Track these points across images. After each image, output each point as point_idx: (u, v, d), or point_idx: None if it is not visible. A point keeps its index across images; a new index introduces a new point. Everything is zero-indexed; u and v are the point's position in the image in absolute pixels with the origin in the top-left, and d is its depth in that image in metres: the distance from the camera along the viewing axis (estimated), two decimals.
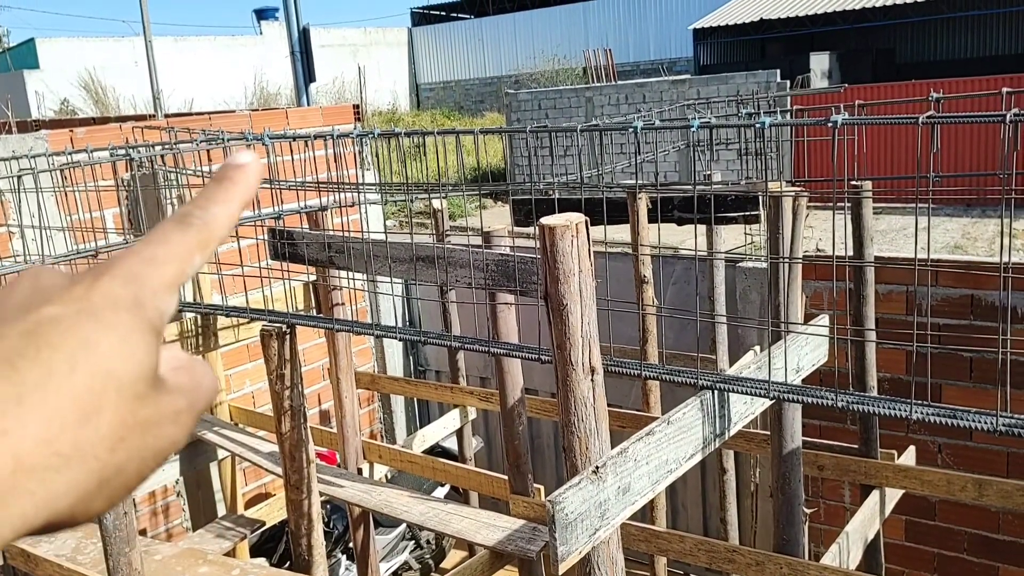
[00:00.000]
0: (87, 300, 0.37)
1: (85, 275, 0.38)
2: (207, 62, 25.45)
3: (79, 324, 0.36)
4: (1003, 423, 1.85)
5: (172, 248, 0.40)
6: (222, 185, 0.43)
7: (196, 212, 0.41)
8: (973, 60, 22.89)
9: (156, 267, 0.39)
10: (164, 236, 0.40)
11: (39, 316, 0.36)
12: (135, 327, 0.37)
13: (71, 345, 0.35)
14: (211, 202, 0.42)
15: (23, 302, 0.37)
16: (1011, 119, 1.64)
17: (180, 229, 0.41)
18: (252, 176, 0.43)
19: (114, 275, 0.38)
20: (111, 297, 0.37)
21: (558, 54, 26.58)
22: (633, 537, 2.99)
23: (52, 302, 0.37)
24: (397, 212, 13.24)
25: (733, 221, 3.77)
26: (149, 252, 0.40)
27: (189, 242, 0.41)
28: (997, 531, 3.95)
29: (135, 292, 0.38)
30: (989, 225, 12.28)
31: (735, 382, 2.16)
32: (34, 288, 0.38)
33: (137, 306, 0.38)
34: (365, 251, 2.74)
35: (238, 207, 0.43)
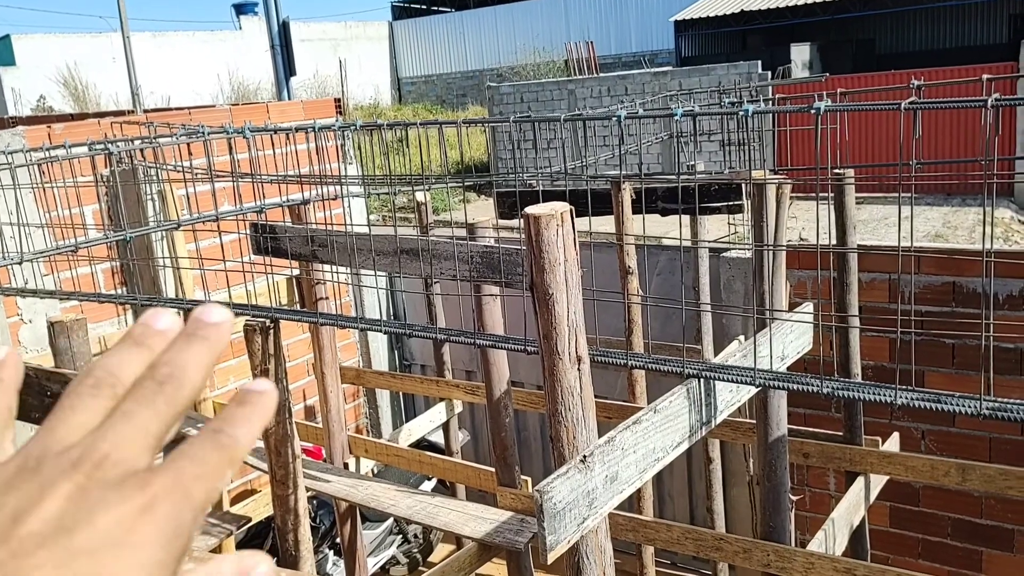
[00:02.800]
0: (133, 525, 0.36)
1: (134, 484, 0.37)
2: (186, 57, 25.24)
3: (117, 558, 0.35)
4: (986, 407, 1.87)
5: (210, 467, 0.40)
6: (244, 408, 0.43)
7: (227, 431, 0.42)
8: (952, 50, 23.06)
9: (199, 487, 0.39)
10: (203, 455, 0.40)
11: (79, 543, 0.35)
12: (165, 561, 0.37)
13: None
14: (238, 422, 0.42)
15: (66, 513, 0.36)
16: (993, 104, 1.65)
17: (215, 447, 0.41)
18: (269, 402, 0.44)
19: (165, 497, 0.38)
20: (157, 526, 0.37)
21: (540, 47, 26.55)
22: (621, 526, 3.00)
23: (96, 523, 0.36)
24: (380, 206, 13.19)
25: (717, 211, 3.78)
26: (193, 470, 0.39)
27: (223, 460, 0.41)
28: (980, 516, 3.99)
29: (179, 518, 0.38)
30: (969, 214, 12.38)
31: (721, 370, 2.17)
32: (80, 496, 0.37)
33: (176, 535, 0.37)
34: (348, 245, 2.72)
35: (259, 429, 0.43)
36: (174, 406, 0.41)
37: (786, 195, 2.76)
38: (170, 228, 3.88)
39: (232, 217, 3.52)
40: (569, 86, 16.69)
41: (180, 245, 4.47)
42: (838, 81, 11.93)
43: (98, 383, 0.41)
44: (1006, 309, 3.68)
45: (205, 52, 25.90)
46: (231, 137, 3.12)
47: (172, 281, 4.69)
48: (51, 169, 3.87)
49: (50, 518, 0.36)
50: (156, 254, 4.69)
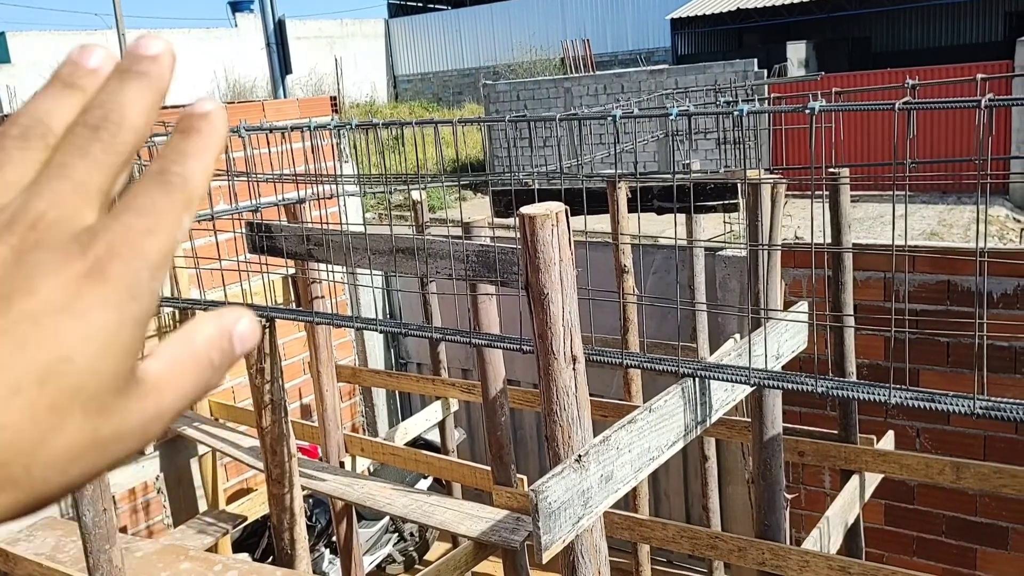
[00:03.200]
0: (78, 290, 0.32)
1: (76, 246, 0.33)
2: (181, 55, 25.06)
3: (61, 326, 0.32)
4: (980, 406, 1.87)
5: (161, 215, 0.35)
6: (191, 137, 0.37)
7: (174, 169, 0.36)
8: (947, 48, 23.09)
9: (152, 238, 0.34)
10: (150, 202, 0.35)
11: (19, 311, 0.31)
12: (121, 324, 0.33)
13: (45, 355, 0.31)
14: (184, 156, 0.36)
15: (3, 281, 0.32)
16: (986, 104, 1.65)
17: (163, 191, 0.35)
18: (219, 124, 0.38)
19: (111, 255, 0.33)
20: (107, 287, 0.33)
21: (536, 45, 26.54)
22: (616, 525, 3.00)
23: (36, 290, 0.32)
24: (376, 204, 13.18)
25: (712, 210, 3.78)
26: (141, 222, 0.34)
27: (175, 205, 0.35)
28: (974, 514, 4.00)
29: (133, 277, 0.33)
30: (964, 212, 12.41)
31: (716, 369, 2.17)
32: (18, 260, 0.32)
33: (131, 296, 0.33)
34: (344, 243, 2.72)
35: (211, 159, 0.37)
36: (114, 154, 0.35)
37: (781, 194, 2.76)
38: None
39: (228, 216, 3.52)
40: (565, 84, 16.69)
41: None
42: (834, 80, 11.94)
43: (25, 133, 0.36)
44: (1000, 308, 3.69)
45: (200, 50, 25.85)
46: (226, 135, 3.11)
47: (167, 280, 4.68)
48: None
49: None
50: None
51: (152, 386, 0.35)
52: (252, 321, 0.37)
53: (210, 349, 0.36)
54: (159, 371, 0.35)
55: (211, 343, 0.36)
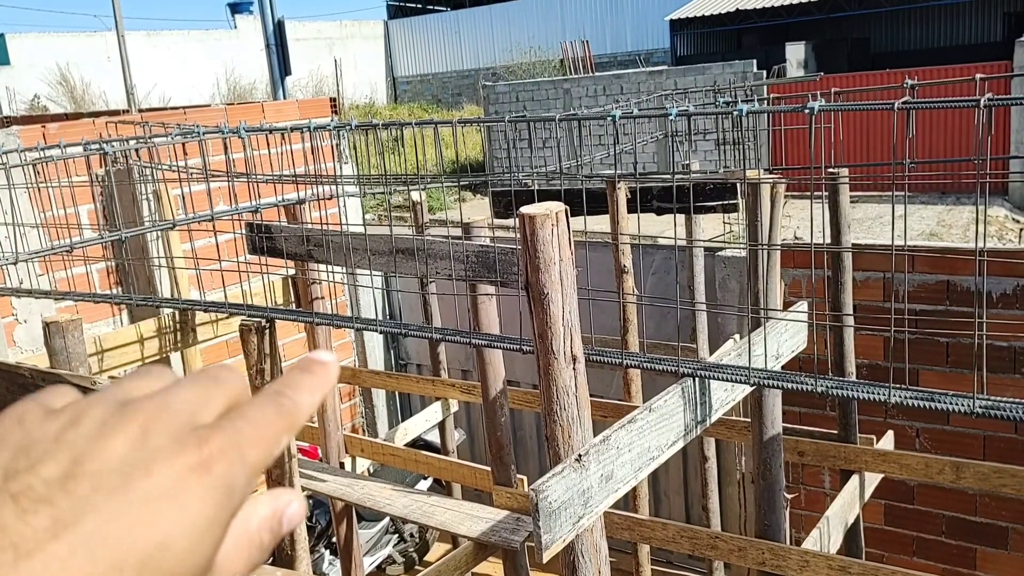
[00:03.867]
0: (187, 480, 0.35)
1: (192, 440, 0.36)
2: (181, 57, 25.19)
3: (169, 512, 0.34)
4: (980, 405, 1.87)
5: (268, 430, 0.39)
6: (307, 376, 0.43)
7: (288, 394, 0.41)
8: (946, 49, 23.12)
9: (255, 449, 0.38)
10: (262, 417, 0.39)
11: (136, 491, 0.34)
12: (216, 520, 0.36)
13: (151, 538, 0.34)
14: (300, 388, 0.42)
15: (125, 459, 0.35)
16: (985, 104, 1.66)
17: (275, 411, 0.40)
18: (332, 373, 0.44)
19: (220, 454, 0.37)
20: (212, 483, 0.36)
21: (535, 46, 26.55)
22: (616, 525, 3.00)
23: (152, 473, 0.35)
24: (376, 205, 13.18)
25: (712, 210, 3.78)
26: (251, 432, 0.38)
27: (281, 425, 0.40)
28: (974, 513, 4.01)
29: (233, 477, 0.37)
30: (964, 212, 12.41)
31: (716, 369, 2.17)
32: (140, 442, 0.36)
33: (229, 495, 0.36)
34: (344, 244, 2.72)
35: (319, 399, 0.43)
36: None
37: (781, 194, 2.76)
38: (165, 228, 3.88)
39: (227, 217, 3.52)
40: (565, 85, 16.70)
41: (175, 245, 4.47)
42: (833, 80, 11.95)
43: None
44: (1000, 308, 3.70)
45: (200, 51, 25.86)
46: (226, 137, 3.11)
47: (167, 281, 4.68)
48: (46, 169, 3.87)
49: (112, 461, 0.35)
50: (151, 254, 4.69)
51: (219, 570, 0.37)
52: (301, 503, 0.42)
53: (263, 531, 0.40)
54: (221, 555, 0.38)
55: (264, 525, 0.40)
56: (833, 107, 1.98)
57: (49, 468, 0.34)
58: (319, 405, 0.44)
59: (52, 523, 0.33)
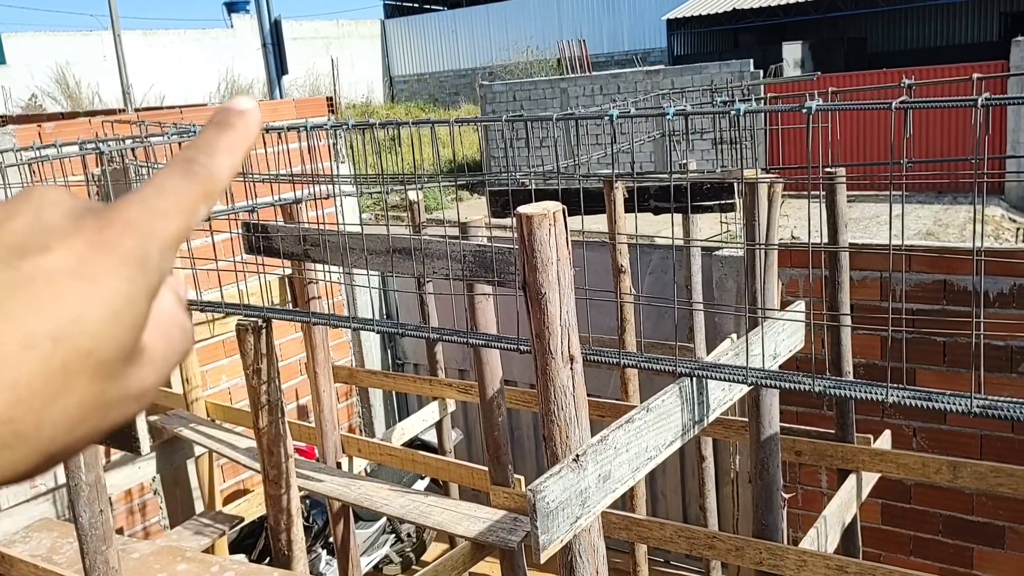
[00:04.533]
0: (90, 256, 0.33)
1: (91, 217, 0.34)
2: (177, 56, 25.15)
3: (74, 287, 0.32)
4: (977, 405, 1.87)
5: (180, 200, 0.37)
6: (224, 132, 0.39)
7: (200, 159, 0.38)
8: (943, 48, 23.14)
9: (167, 221, 0.36)
10: (172, 186, 0.37)
11: (34, 267, 0.32)
12: (131, 295, 0.34)
13: (59, 314, 0.32)
14: (215, 150, 0.39)
15: (18, 237, 0.33)
16: (982, 103, 1.66)
17: (186, 178, 0.37)
18: (253, 124, 0.40)
19: (124, 227, 0.34)
20: (117, 256, 0.34)
21: (532, 45, 26.53)
22: (614, 525, 3.00)
23: (51, 248, 0.33)
24: (373, 205, 13.18)
25: (709, 210, 3.79)
26: (159, 204, 0.36)
27: (195, 194, 0.37)
28: (971, 513, 4.01)
29: (144, 251, 0.34)
30: (960, 212, 12.43)
31: (713, 369, 2.17)
32: (35, 222, 0.34)
33: (141, 269, 0.34)
34: (341, 244, 2.72)
35: (240, 157, 0.39)
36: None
37: (778, 194, 2.76)
38: None
39: (224, 216, 3.51)
40: (562, 85, 16.69)
41: None
42: (830, 80, 11.96)
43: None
44: (997, 307, 3.70)
45: (197, 50, 25.82)
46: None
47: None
48: (42, 169, 3.85)
49: (8, 239, 0.33)
50: None
51: (149, 355, 0.36)
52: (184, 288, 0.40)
53: (177, 314, 0.38)
54: (147, 341, 0.36)
55: (176, 309, 0.38)
56: (830, 107, 1.97)
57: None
58: (239, 163, 0.39)
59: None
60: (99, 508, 2.52)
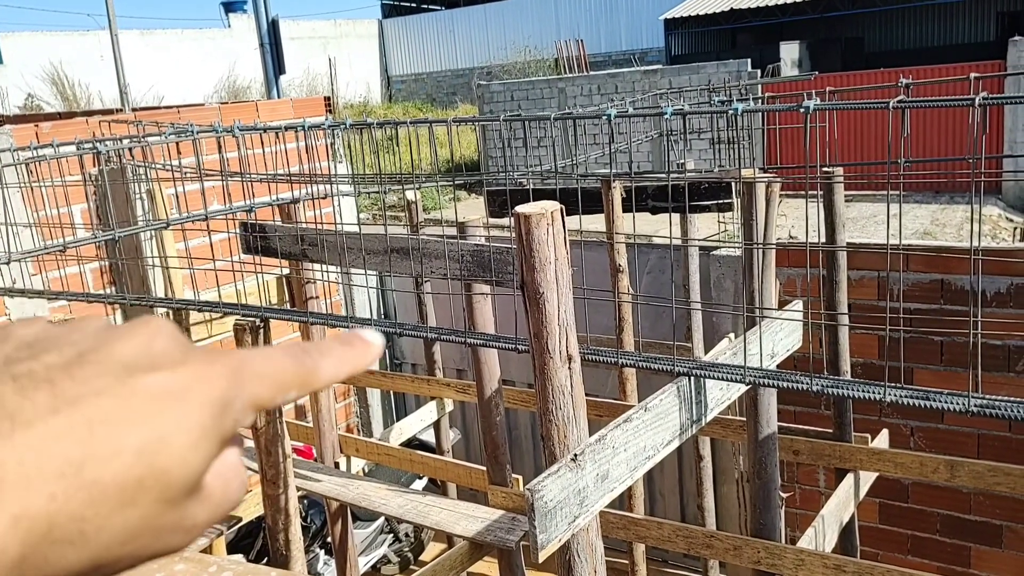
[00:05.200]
0: (189, 384, 0.36)
1: (198, 355, 0.37)
2: (175, 56, 25.13)
3: (168, 408, 0.35)
4: (974, 404, 1.88)
5: (279, 374, 0.40)
6: (344, 347, 0.43)
7: (313, 355, 0.42)
8: (940, 48, 23.18)
9: (260, 384, 0.39)
10: (278, 361, 0.40)
11: (138, 383, 0.35)
12: (210, 433, 0.36)
13: (151, 429, 0.34)
14: (329, 355, 0.42)
15: (130, 356, 0.36)
16: (980, 103, 1.66)
17: (295, 362, 0.40)
18: (372, 355, 0.44)
19: (224, 370, 0.37)
20: (210, 393, 0.36)
21: (530, 45, 26.54)
22: (612, 524, 3.00)
23: (157, 369, 0.36)
24: (371, 204, 13.17)
25: (707, 209, 3.79)
26: (260, 367, 0.39)
27: (294, 376, 0.40)
28: (968, 512, 4.01)
29: (232, 397, 0.37)
30: (958, 211, 12.44)
31: (711, 368, 2.17)
32: (147, 346, 0.37)
33: (224, 413, 0.37)
34: (339, 244, 2.72)
35: (346, 372, 0.43)
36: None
37: (775, 193, 2.76)
38: (159, 227, 3.86)
39: (221, 216, 3.51)
40: (559, 84, 16.70)
41: (169, 244, 4.45)
42: (827, 79, 11.98)
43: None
44: (994, 306, 3.71)
45: (194, 50, 25.79)
46: (220, 136, 3.11)
47: (161, 281, 4.67)
48: (39, 168, 3.85)
49: (116, 355, 0.36)
50: (145, 253, 4.68)
51: (206, 494, 0.38)
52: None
53: (237, 467, 0.40)
54: (210, 482, 0.38)
55: (237, 462, 0.40)
56: (828, 106, 1.98)
57: (52, 357, 0.35)
58: (341, 377, 0.43)
59: (52, 399, 0.33)
60: None
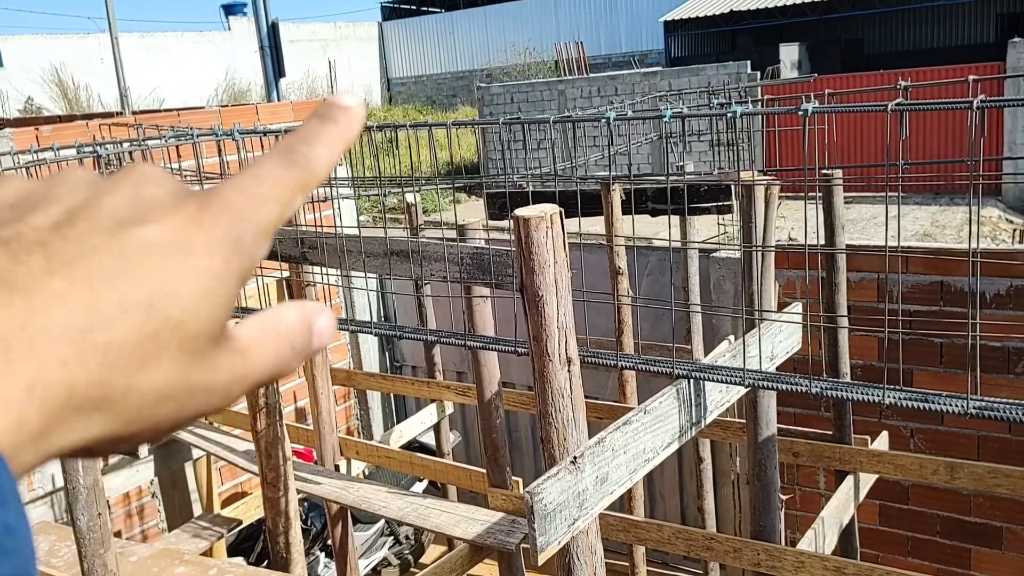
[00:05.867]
0: (187, 232, 0.34)
1: (190, 197, 0.35)
2: (175, 58, 25.15)
3: (170, 260, 0.33)
4: (973, 406, 1.88)
5: (277, 188, 0.37)
6: (326, 125, 0.39)
7: (300, 149, 0.38)
8: (940, 50, 23.18)
9: (263, 207, 0.36)
10: (270, 174, 0.37)
11: (133, 236, 0.33)
12: (223, 275, 0.34)
13: (154, 282, 0.32)
14: (316, 141, 0.39)
15: (120, 209, 0.34)
16: (978, 105, 1.66)
17: (285, 167, 0.37)
18: (356, 120, 0.40)
19: (221, 209, 0.35)
20: (213, 235, 0.34)
21: (530, 47, 26.56)
22: (612, 527, 3.00)
23: (151, 221, 0.34)
24: (371, 207, 13.18)
25: (706, 211, 3.79)
26: (256, 189, 0.36)
27: (293, 182, 0.37)
28: (968, 514, 4.01)
29: (239, 233, 0.35)
30: (957, 213, 12.44)
31: (711, 371, 2.18)
32: (136, 196, 0.34)
33: (235, 251, 0.35)
34: (338, 246, 2.72)
35: (340, 152, 0.39)
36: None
37: (775, 195, 2.77)
38: None
39: None
40: (559, 86, 16.71)
41: None
42: (826, 81, 11.99)
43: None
44: (993, 308, 3.71)
45: (194, 53, 25.81)
46: (220, 139, 3.11)
47: None
48: (39, 172, 3.85)
49: (106, 210, 0.34)
50: None
51: (240, 347, 0.36)
52: (330, 319, 0.39)
53: (292, 332, 0.38)
54: (247, 336, 0.36)
55: (293, 327, 0.38)
56: (827, 108, 1.98)
57: (39, 218, 0.33)
58: (338, 158, 0.39)
59: (47, 261, 0.31)
60: (97, 511, 2.52)
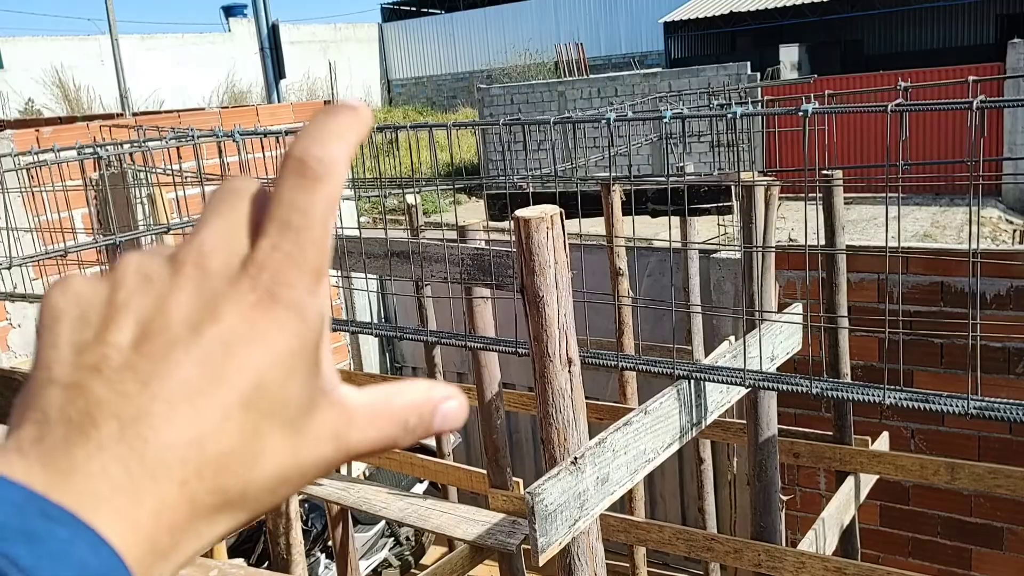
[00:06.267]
0: (252, 317, 0.33)
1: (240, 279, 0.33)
2: (175, 60, 25.14)
3: (249, 352, 0.33)
4: (974, 406, 1.88)
5: (309, 225, 0.34)
6: (332, 119, 0.35)
7: (313, 153, 0.34)
8: (939, 51, 23.19)
9: (303, 258, 0.34)
10: (297, 204, 0.34)
11: (210, 341, 0.32)
12: (297, 346, 0.33)
13: (244, 381, 0.32)
14: (326, 137, 0.35)
15: (188, 312, 0.33)
16: (978, 106, 1.66)
17: (304, 190, 0.34)
18: (365, 115, 0.36)
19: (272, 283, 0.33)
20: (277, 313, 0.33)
21: (530, 49, 26.57)
22: (612, 528, 3.00)
23: (217, 319, 0.33)
24: (371, 208, 13.18)
25: (706, 212, 3.79)
26: (295, 235, 0.33)
27: (319, 206, 0.34)
28: (969, 514, 4.01)
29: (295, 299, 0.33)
30: (957, 213, 12.45)
31: (711, 371, 2.18)
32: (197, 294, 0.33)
33: (300, 316, 0.33)
34: (339, 247, 2.72)
35: (354, 144, 0.35)
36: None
37: (775, 196, 2.77)
38: (160, 232, 3.87)
39: None
40: (559, 88, 16.72)
41: None
42: (826, 82, 11.99)
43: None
44: (994, 308, 3.71)
45: (194, 54, 25.79)
46: (221, 140, 3.11)
47: None
48: (40, 173, 3.86)
49: (176, 315, 0.33)
50: None
51: (346, 411, 0.35)
52: (462, 405, 0.37)
53: (410, 412, 0.37)
54: (356, 403, 0.36)
55: (414, 407, 0.37)
56: (827, 109, 1.98)
57: (115, 335, 0.32)
58: (352, 154, 0.35)
59: (142, 387, 0.31)
60: None
